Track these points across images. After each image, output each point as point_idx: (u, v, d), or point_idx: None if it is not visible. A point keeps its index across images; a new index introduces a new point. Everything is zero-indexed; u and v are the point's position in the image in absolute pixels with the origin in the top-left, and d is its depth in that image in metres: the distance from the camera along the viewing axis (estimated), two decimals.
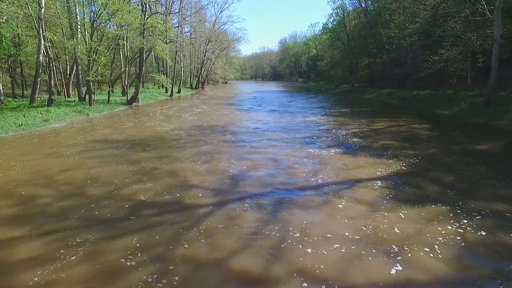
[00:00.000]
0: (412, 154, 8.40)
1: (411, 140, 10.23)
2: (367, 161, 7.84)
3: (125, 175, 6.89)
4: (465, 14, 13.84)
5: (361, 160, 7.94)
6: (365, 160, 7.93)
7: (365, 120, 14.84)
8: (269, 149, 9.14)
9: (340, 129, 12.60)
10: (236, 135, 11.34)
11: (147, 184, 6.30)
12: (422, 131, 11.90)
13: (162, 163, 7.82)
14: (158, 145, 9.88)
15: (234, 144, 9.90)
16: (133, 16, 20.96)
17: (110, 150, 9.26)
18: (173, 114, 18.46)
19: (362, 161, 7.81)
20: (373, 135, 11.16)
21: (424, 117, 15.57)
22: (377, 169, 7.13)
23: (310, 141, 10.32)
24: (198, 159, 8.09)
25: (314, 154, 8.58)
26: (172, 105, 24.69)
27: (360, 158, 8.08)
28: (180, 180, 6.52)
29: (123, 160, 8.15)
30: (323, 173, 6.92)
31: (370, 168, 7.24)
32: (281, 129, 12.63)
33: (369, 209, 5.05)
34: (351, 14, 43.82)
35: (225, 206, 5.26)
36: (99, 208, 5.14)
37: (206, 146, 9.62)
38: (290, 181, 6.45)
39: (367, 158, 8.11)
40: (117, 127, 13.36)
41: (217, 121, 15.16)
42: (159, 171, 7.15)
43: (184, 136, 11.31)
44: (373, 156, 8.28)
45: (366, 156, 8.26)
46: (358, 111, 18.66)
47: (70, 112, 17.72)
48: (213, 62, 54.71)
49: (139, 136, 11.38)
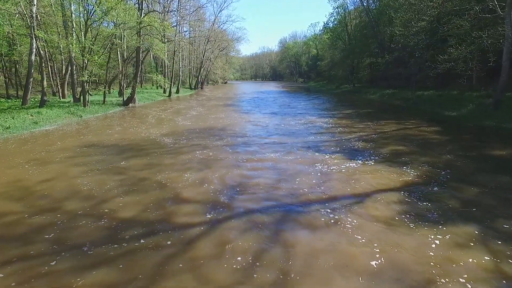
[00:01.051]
0: (425, 161, 7.73)
1: (422, 145, 9.55)
2: (376, 169, 7.16)
3: (111, 186, 6.22)
4: (474, 11, 13.17)
5: (370, 168, 7.27)
6: (374, 168, 7.26)
7: (370, 123, 14.16)
8: (270, 156, 8.46)
9: (345, 132, 11.93)
10: (233, 140, 10.67)
11: (133, 198, 5.63)
12: (432, 135, 11.23)
13: (152, 172, 7.15)
14: (150, 150, 9.21)
15: (231, 150, 9.23)
16: (128, 14, 20.30)
17: (98, 156, 8.59)
18: (169, 116, 17.80)
19: (371, 169, 7.14)
20: (380, 139, 10.48)
21: (431, 119, 14.90)
22: (389, 179, 6.46)
23: (313, 146, 9.65)
24: (191, 168, 7.42)
25: (318, 161, 7.90)
26: (169, 106, 24.02)
27: (369, 166, 7.41)
28: (169, 193, 5.85)
29: (111, 168, 7.48)
30: (330, 184, 6.24)
31: (381, 177, 6.57)
32: (282, 133, 11.96)
33: (385, 230, 4.38)
34: (352, 13, 43.15)
35: (218, 226, 4.59)
36: (74, 229, 4.47)
37: (201, 152, 8.95)
38: (293, 194, 5.77)
39: (376, 165, 7.44)
40: (109, 130, 12.69)
41: (214, 124, 14.49)
42: (148, 182, 6.48)
43: (178, 140, 10.63)
44: (382, 163, 7.61)
45: (375, 164, 7.58)
46: (362, 113, 17.99)
47: (63, 114, 17.05)
48: (212, 62, 54.05)
49: (131, 140, 10.71)
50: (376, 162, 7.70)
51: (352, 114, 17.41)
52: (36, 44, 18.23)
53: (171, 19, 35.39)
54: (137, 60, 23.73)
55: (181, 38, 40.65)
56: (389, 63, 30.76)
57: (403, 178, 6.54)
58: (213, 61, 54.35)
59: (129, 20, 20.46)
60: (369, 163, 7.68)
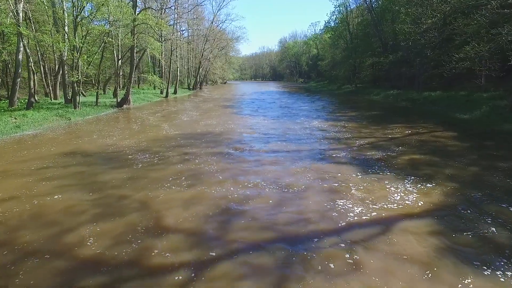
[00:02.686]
0: (450, 175, 6.70)
1: (441, 154, 8.52)
2: (395, 185, 6.14)
3: (82, 208, 5.20)
4: (491, 6, 12.14)
5: (387, 184, 6.24)
6: (392, 184, 6.23)
7: (379, 126, 13.13)
8: (270, 168, 7.43)
9: (352, 138, 10.90)
10: (230, 148, 9.64)
11: (105, 225, 4.61)
12: (448, 141, 10.20)
13: (134, 188, 6.12)
14: (136, 160, 8.18)
15: (226, 160, 8.20)
16: (122, 12, 19.27)
17: (76, 167, 7.57)
18: (163, 119, 16.78)
19: (389, 186, 6.11)
20: (393, 146, 9.45)
21: (443, 123, 13.86)
22: (413, 199, 5.44)
23: (319, 154, 8.63)
24: (179, 183, 6.39)
25: (326, 174, 6.88)
26: (165, 107, 23.00)
27: (385, 181, 6.38)
28: (149, 219, 4.82)
29: (88, 183, 6.46)
30: (342, 206, 5.21)
31: (402, 197, 5.54)
32: (284, 138, 10.94)
33: (425, 279, 3.35)
34: (354, 11, 42.10)
35: (207, 269, 3.56)
36: (15, 275, 3.44)
37: (193, 162, 7.92)
38: (299, 221, 4.75)
39: (394, 181, 6.41)
40: (96, 135, 11.67)
41: (211, 128, 13.47)
42: (127, 202, 5.45)
43: (169, 148, 9.61)
44: (401, 178, 6.58)
45: (392, 178, 6.55)
46: (368, 115, 16.95)
47: (50, 116, 16.02)
48: (211, 62, 53.02)
49: (117, 147, 9.68)
50: (393, 176, 6.67)
51: (357, 117, 16.38)
52: (22, 43, 17.21)
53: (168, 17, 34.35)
54: (132, 59, 22.72)
55: (179, 37, 39.62)
56: (393, 63, 29.74)
57: (429, 198, 5.51)
58: (212, 61, 53.30)
59: (122, 17, 19.44)
60: (385, 177, 6.65)
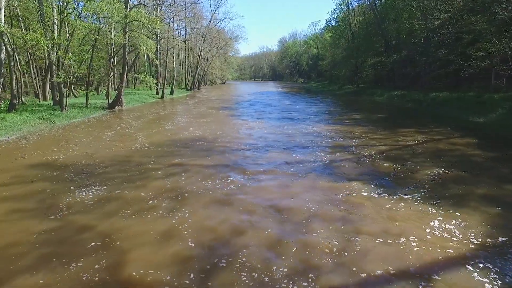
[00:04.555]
0: (485, 196, 5.56)
1: (466, 166, 7.38)
2: (422, 211, 5.00)
3: (25, 248, 4.06)
4: None
5: (412, 208, 5.10)
6: (418, 209, 5.09)
7: (388, 131, 12.00)
8: (267, 184, 6.29)
9: (360, 145, 9.76)
10: (222, 158, 8.50)
11: (47, 276, 3.47)
12: (470, 150, 9.06)
13: (102, 214, 4.98)
14: (113, 174, 7.04)
15: (217, 174, 7.06)
16: (111, 8, 18.11)
17: (40, 183, 6.43)
18: (155, 122, 15.64)
19: (415, 212, 4.98)
20: (408, 157, 8.32)
21: (457, 127, 12.70)
22: (449, 232, 4.30)
23: (324, 167, 7.48)
24: (158, 207, 5.25)
25: (335, 195, 5.74)
26: (159, 109, 21.85)
27: (409, 205, 5.24)
28: (110, 267, 3.67)
29: (47, 207, 5.32)
30: (362, 247, 4.05)
31: (435, 229, 4.40)
32: (284, 146, 9.80)
33: None
34: (356, 10, 40.98)
35: None
36: None
37: (177, 177, 6.78)
38: (304, 271, 3.60)
39: (420, 204, 5.27)
40: (76, 142, 10.52)
41: (204, 134, 12.33)
42: (87, 237, 4.31)
43: (155, 157, 8.46)
44: (427, 199, 5.44)
45: (417, 200, 5.41)
46: (374, 119, 15.79)
47: (33, 120, 14.87)
48: (209, 62, 51.85)
49: (96, 157, 8.53)
50: (417, 198, 5.52)
51: (363, 120, 15.22)
52: (3, 41, 16.04)
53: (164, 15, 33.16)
54: (124, 59, 21.55)
55: (174, 36, 38.46)
56: (396, 63, 28.64)
57: (468, 232, 4.37)
58: (211, 61, 52.13)
59: (112, 13, 18.28)
60: (408, 198, 5.50)
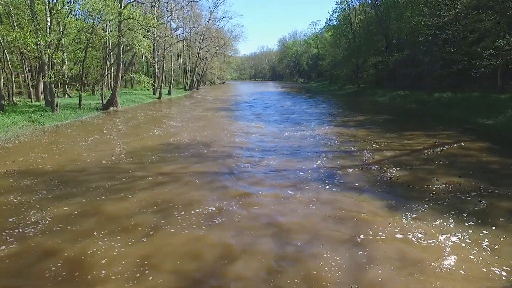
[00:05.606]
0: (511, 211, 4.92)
1: (483, 175, 6.71)
2: (441, 229, 4.34)
3: None
4: None
5: (429, 227, 4.45)
6: (437, 229, 4.43)
7: (393, 135, 11.33)
8: (264, 199, 5.62)
9: (365, 150, 9.09)
10: (215, 166, 7.84)
11: None
12: (484, 155, 8.39)
13: (73, 234, 4.32)
14: (95, 183, 6.38)
15: (208, 184, 6.40)
16: (104, 4, 17.45)
17: (10, 195, 5.76)
18: (149, 124, 14.98)
19: (433, 232, 4.32)
20: (418, 163, 7.66)
21: (466, 130, 12.02)
22: (476, 257, 3.65)
23: (327, 176, 6.82)
24: (139, 225, 4.59)
25: (341, 211, 5.08)
26: (155, 110, 21.19)
27: (426, 223, 4.58)
28: None
29: (10, 225, 4.66)
30: (374, 274, 3.40)
31: (460, 256, 3.74)
32: (284, 151, 9.13)
33: None
34: (357, 9, 40.33)
35: None
36: None
37: (165, 188, 6.12)
38: None
39: (438, 220, 4.61)
40: (63, 146, 9.85)
41: (198, 139, 11.68)
42: (50, 264, 3.65)
43: (143, 164, 7.80)
44: (446, 217, 4.78)
45: (434, 218, 4.75)
46: (378, 121, 15.10)
47: (20, 121, 14.19)
48: (208, 62, 51.17)
49: (80, 163, 7.87)
50: (433, 215, 4.85)
51: (366, 122, 14.56)
52: None
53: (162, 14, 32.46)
54: (118, 58, 20.89)
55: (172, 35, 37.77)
56: (398, 62, 27.99)
57: (500, 257, 3.72)
58: (210, 60, 51.46)
59: (105, 10, 17.62)
60: (423, 215, 4.84)
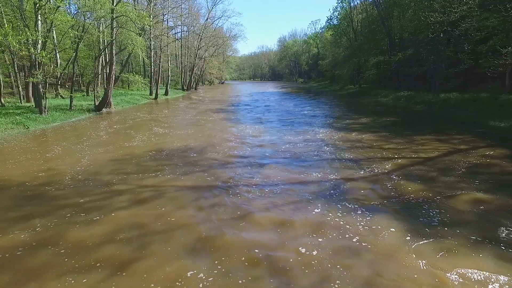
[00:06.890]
0: None
1: None
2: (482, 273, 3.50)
3: None
4: None
5: (463, 260, 3.61)
6: (473, 260, 3.59)
7: (402, 139, 10.48)
8: (261, 222, 4.77)
9: (374, 158, 8.24)
10: (206, 178, 6.99)
11: None
12: (509, 164, 7.54)
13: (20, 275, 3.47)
14: (66, 200, 5.52)
15: (197, 202, 5.55)
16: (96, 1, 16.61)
17: None
18: (142, 128, 14.13)
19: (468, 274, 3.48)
20: (435, 174, 6.81)
21: (481, 134, 11.12)
22: None
23: (334, 192, 5.96)
24: (109, 259, 3.74)
25: (353, 238, 4.24)
26: (149, 112, 20.34)
27: (456, 253, 3.74)
28: None
29: None
30: None
31: None
32: (284, 159, 8.29)
33: None
34: (359, 7, 39.50)
35: None
36: None
37: (147, 206, 5.28)
38: None
39: (473, 251, 3.77)
40: (41, 153, 9.00)
41: (192, 141, 10.83)
42: None
43: (125, 175, 6.95)
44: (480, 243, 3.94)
45: (466, 245, 3.91)
46: (384, 123, 14.24)
47: (4, 124, 13.37)
48: (206, 62, 50.32)
49: (53, 173, 7.02)
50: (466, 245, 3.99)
51: (372, 125, 13.69)
52: None
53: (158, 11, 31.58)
54: (111, 57, 20.07)
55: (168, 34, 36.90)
56: (401, 62, 27.17)
57: None
58: (208, 60, 50.61)
59: (95, 7, 16.78)
60: (453, 244, 3.99)
